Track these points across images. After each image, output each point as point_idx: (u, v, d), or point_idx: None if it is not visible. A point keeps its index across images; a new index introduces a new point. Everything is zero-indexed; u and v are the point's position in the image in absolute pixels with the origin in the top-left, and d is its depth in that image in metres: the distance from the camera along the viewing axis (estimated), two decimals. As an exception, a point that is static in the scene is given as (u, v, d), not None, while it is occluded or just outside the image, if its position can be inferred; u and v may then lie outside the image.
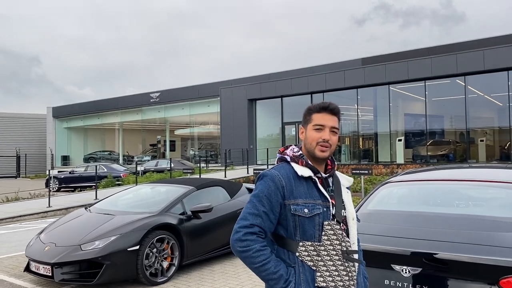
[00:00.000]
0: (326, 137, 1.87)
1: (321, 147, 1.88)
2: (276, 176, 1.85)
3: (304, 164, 1.90)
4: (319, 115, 1.92)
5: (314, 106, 1.96)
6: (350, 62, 24.57)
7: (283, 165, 1.93)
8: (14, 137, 37.18)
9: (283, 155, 1.97)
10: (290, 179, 1.85)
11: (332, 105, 1.94)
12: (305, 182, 1.87)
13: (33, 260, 5.55)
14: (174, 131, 34.62)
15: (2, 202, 14.83)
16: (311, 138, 1.90)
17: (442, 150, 19.58)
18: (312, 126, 1.91)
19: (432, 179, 4.17)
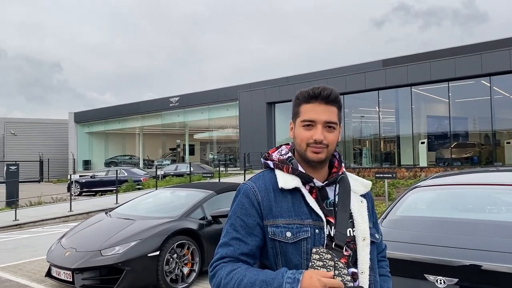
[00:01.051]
0: (317, 137, 1.39)
1: (314, 149, 1.41)
2: (250, 190, 1.43)
3: (290, 170, 1.44)
4: (309, 107, 1.43)
5: (301, 93, 1.46)
6: (371, 63, 24.25)
7: (264, 174, 1.49)
8: (37, 142, 37.87)
9: (267, 160, 1.53)
10: (268, 192, 1.41)
11: (325, 90, 1.42)
12: (290, 196, 1.41)
13: (54, 265, 5.53)
14: (193, 135, 34.75)
15: (25, 206, 15.04)
16: (299, 138, 1.44)
17: (467, 152, 19.11)
18: (301, 122, 1.44)
19: (462, 183, 3.99)
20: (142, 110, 32.41)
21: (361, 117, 23.59)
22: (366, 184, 1.58)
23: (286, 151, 1.53)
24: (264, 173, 1.50)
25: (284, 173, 1.45)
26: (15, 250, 8.50)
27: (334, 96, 1.43)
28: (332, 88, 1.45)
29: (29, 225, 11.42)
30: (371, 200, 1.60)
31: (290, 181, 1.42)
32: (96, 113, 35.97)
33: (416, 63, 19.92)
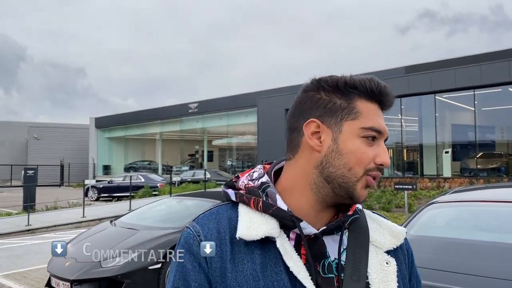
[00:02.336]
0: (387, 160, 0.87)
1: (371, 180, 0.87)
2: (193, 240, 0.86)
3: (260, 207, 0.87)
4: (372, 108, 0.89)
5: (359, 81, 0.88)
6: (393, 70, 23.71)
7: (220, 210, 0.91)
8: (59, 147, 38.44)
9: (229, 188, 0.95)
10: (223, 244, 0.85)
11: (388, 89, 0.90)
12: (260, 252, 0.85)
13: (53, 275, 5.38)
14: (211, 142, 34.68)
15: (41, 210, 15.10)
16: (354, 156, 0.85)
17: (493, 163, 18.40)
18: (361, 130, 0.86)
19: (486, 200, 3.60)
20: (161, 116, 32.51)
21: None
22: (397, 232, 0.97)
23: (260, 173, 0.95)
24: (220, 210, 0.91)
25: (251, 210, 0.88)
26: (24, 257, 8.42)
27: (393, 102, 0.93)
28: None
29: (41, 230, 11.38)
30: (409, 255, 1.01)
31: (258, 225, 0.84)
32: (116, 119, 36.29)
33: (440, 70, 19.34)
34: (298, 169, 0.90)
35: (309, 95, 0.90)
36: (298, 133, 0.90)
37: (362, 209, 0.97)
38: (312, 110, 0.89)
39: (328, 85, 0.88)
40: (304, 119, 0.89)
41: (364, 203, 4.17)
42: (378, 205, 13.65)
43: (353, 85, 0.87)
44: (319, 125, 0.87)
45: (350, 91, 0.87)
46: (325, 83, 0.89)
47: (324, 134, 0.87)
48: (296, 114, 0.91)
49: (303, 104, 0.90)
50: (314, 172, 0.87)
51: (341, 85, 0.88)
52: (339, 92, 0.88)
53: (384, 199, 13.93)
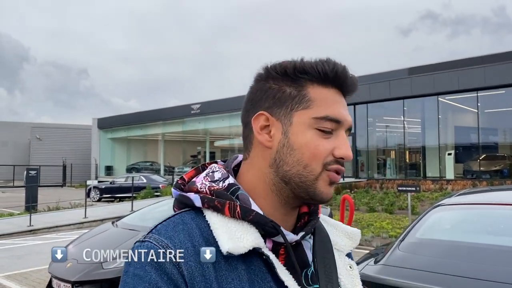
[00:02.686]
0: (348, 153, 0.76)
1: (334, 176, 0.77)
2: (163, 256, 0.69)
3: (238, 213, 0.74)
4: (328, 93, 0.78)
5: (310, 64, 0.77)
6: (396, 72, 23.63)
7: (185, 219, 0.74)
8: (62, 147, 38.47)
9: (186, 192, 0.79)
10: (203, 261, 0.70)
11: (349, 73, 0.80)
12: (244, 266, 0.72)
13: (55, 277, 5.35)
14: (214, 143, 34.63)
15: (43, 211, 15.08)
16: (308, 151, 0.75)
17: (496, 165, 18.32)
18: (313, 121, 0.76)
19: (492, 202, 3.55)
20: (164, 116, 32.50)
21: (386, 126, 23.00)
22: (353, 234, 0.92)
23: (223, 173, 0.81)
24: (185, 218, 0.74)
25: (225, 218, 0.74)
26: (25, 257, 8.40)
27: (357, 85, 0.82)
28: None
29: (43, 231, 11.35)
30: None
31: (241, 235, 0.72)
32: (119, 119, 36.29)
33: (443, 71, 19.26)
34: (255, 170, 0.79)
35: (259, 85, 0.80)
36: (249, 129, 0.80)
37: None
38: (261, 102, 0.78)
39: (277, 72, 0.78)
40: (254, 112, 0.79)
41: (367, 205, 4.11)
42: (380, 206, 13.58)
43: (302, 70, 0.77)
44: (268, 117, 0.77)
45: (300, 76, 0.77)
46: (273, 70, 0.79)
47: (274, 128, 0.77)
48: (248, 107, 0.81)
49: (253, 95, 0.80)
50: (271, 172, 0.77)
51: (290, 71, 0.77)
52: (289, 79, 0.77)
53: (387, 201, 13.86)
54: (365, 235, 9.29)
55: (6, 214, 15.02)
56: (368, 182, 19.64)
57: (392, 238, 8.96)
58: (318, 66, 0.76)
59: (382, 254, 3.08)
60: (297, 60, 0.78)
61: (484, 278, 2.45)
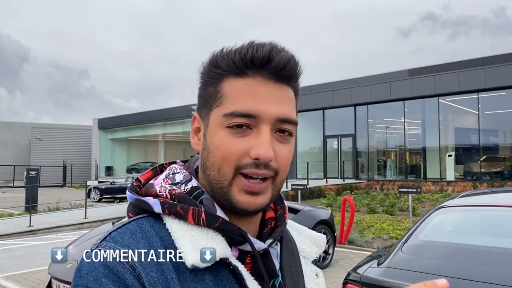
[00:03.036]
0: (263, 152, 0.65)
1: (248, 183, 0.67)
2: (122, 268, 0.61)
3: (203, 221, 0.67)
4: (242, 84, 0.68)
5: (224, 55, 0.69)
6: (397, 73, 23.62)
7: (143, 226, 0.66)
8: (62, 148, 38.44)
9: (142, 195, 0.72)
10: (167, 271, 0.63)
11: (276, 52, 0.67)
12: (211, 277, 0.66)
13: (54, 278, 5.31)
14: (214, 144, 34.63)
15: (43, 211, 15.06)
16: (219, 154, 0.67)
17: (497, 167, 18.29)
18: (224, 118, 0.67)
19: (496, 204, 3.53)
20: (164, 117, 32.52)
21: (386, 128, 22.97)
22: (318, 240, 0.86)
23: (185, 175, 0.74)
24: (143, 225, 0.66)
25: (188, 225, 0.67)
26: (25, 258, 8.38)
27: (293, 65, 0.69)
28: (285, 49, 0.69)
29: (43, 231, 11.33)
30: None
31: (207, 245, 0.66)
32: (119, 120, 36.31)
33: (444, 72, 19.25)
34: (199, 174, 0.74)
35: (201, 76, 0.74)
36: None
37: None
38: (198, 102, 0.73)
39: (203, 68, 0.72)
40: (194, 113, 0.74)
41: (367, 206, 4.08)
42: (381, 208, 13.56)
43: (215, 63, 0.69)
44: (198, 119, 0.73)
45: (215, 71, 0.69)
46: (201, 67, 0.73)
47: (202, 130, 0.72)
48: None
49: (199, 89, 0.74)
50: (204, 177, 0.71)
51: (207, 67, 0.71)
52: (209, 74, 0.70)
53: (387, 202, 13.83)
54: (365, 237, 9.26)
55: (6, 214, 15.00)
56: (369, 183, 19.62)
57: (393, 240, 8.93)
58: (230, 56, 0.68)
59: (385, 256, 3.06)
60: (216, 52, 0.70)
61: (488, 280, 2.44)
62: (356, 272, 2.88)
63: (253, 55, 0.66)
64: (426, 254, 2.98)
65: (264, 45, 0.67)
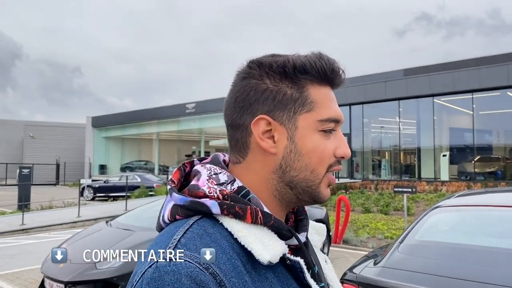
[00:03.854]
0: (348, 151, 0.77)
1: (333, 178, 0.78)
2: (204, 277, 0.59)
3: (260, 219, 0.70)
4: (326, 93, 0.76)
5: (309, 63, 0.74)
6: (392, 73, 23.69)
7: (207, 230, 0.66)
8: (55, 146, 38.24)
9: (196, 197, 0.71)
10: (241, 275, 0.64)
11: (338, 66, 0.77)
12: (273, 274, 0.69)
13: (47, 277, 5.27)
14: (209, 142, 34.54)
15: (36, 210, 14.95)
16: (316, 155, 0.74)
17: (491, 167, 18.40)
18: (319, 123, 0.74)
19: (491, 204, 3.53)
20: (159, 116, 32.40)
21: (381, 127, 23.03)
22: (320, 229, 0.91)
23: (228, 176, 0.75)
24: (206, 227, 0.67)
25: (246, 224, 0.69)
26: (17, 257, 8.30)
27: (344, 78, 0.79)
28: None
29: (36, 230, 11.23)
30: None
31: (269, 243, 0.69)
32: (113, 118, 36.13)
33: (439, 73, 19.32)
34: (254, 176, 0.75)
35: (252, 84, 0.74)
36: (244, 132, 0.75)
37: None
38: (258, 104, 0.73)
39: (274, 71, 0.74)
40: (250, 115, 0.74)
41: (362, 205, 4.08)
42: (376, 207, 13.58)
43: (303, 69, 0.73)
44: (270, 122, 0.73)
45: (301, 77, 0.73)
46: (269, 68, 0.74)
47: (277, 133, 0.73)
48: (239, 108, 0.75)
49: (245, 95, 0.74)
50: (274, 178, 0.75)
51: (289, 71, 0.73)
52: (288, 79, 0.73)
53: (382, 202, 13.86)
54: (360, 236, 9.26)
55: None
56: (363, 183, 19.65)
57: (387, 239, 8.93)
58: (317, 65, 0.73)
59: (381, 256, 3.05)
60: (293, 57, 0.74)
61: (483, 280, 2.43)
62: (352, 272, 2.87)
63: (332, 67, 0.75)
64: (422, 253, 2.96)
65: (331, 58, 0.76)
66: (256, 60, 0.76)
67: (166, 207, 0.73)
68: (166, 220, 0.72)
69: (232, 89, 0.78)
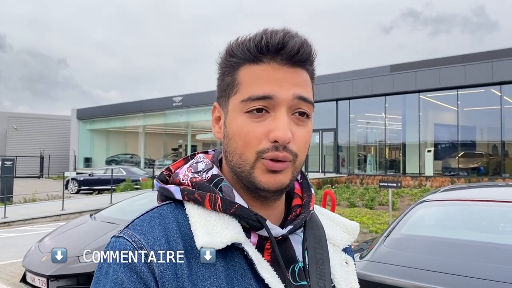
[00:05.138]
0: (281, 134, 0.67)
1: (270, 163, 0.68)
2: (134, 252, 0.65)
3: (219, 206, 0.70)
4: (258, 70, 0.69)
5: (239, 44, 0.71)
6: (378, 69, 23.81)
7: (163, 212, 0.70)
8: (39, 138, 37.67)
9: (167, 183, 0.77)
10: (175, 257, 0.66)
11: (290, 38, 0.68)
12: (223, 262, 0.68)
13: (29, 270, 5.20)
14: (196, 136, 34.40)
15: (19, 203, 14.74)
16: (240, 139, 0.70)
17: (474, 162, 18.65)
18: (241, 104, 0.69)
19: (476, 199, 3.56)
20: (145, 108, 32.10)
21: (367, 122, 23.17)
22: (351, 228, 0.87)
23: (207, 164, 0.76)
24: (163, 212, 0.70)
25: (206, 211, 0.70)
26: (-1, 250, 8.16)
27: (306, 49, 0.70)
28: (298, 33, 0.70)
29: (18, 223, 11.07)
30: (352, 253, 0.88)
31: (220, 230, 0.68)
32: (98, 111, 35.72)
33: (425, 69, 19.47)
34: (223, 162, 0.77)
35: (219, 67, 0.77)
36: None
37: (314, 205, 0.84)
38: (217, 91, 0.77)
39: (220, 58, 0.75)
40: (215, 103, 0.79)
41: (347, 200, 4.07)
42: (361, 202, 13.67)
43: (231, 52, 0.72)
44: (218, 109, 0.77)
45: (232, 60, 0.72)
46: (219, 57, 0.75)
47: (222, 119, 0.75)
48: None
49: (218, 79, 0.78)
50: (226, 163, 0.75)
51: (224, 57, 0.74)
52: (226, 64, 0.73)
53: (367, 196, 13.96)
54: (346, 230, 9.30)
55: (-20, 205, 14.62)
56: (349, 177, 19.77)
57: (372, 233, 8.99)
58: (245, 45, 0.70)
59: (367, 250, 3.05)
60: (232, 41, 0.73)
61: (469, 274, 2.44)
62: (338, 266, 2.86)
63: (267, 41, 0.68)
64: (408, 247, 2.97)
65: (277, 31, 0.69)
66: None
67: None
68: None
69: None
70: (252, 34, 0.71)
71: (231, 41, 0.73)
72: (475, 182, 14.14)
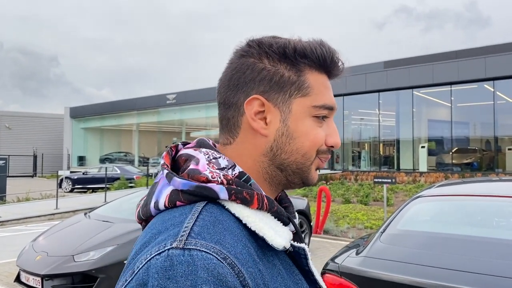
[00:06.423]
0: (338, 141, 0.76)
1: (323, 163, 0.78)
2: (223, 270, 0.55)
3: (265, 205, 0.67)
4: (323, 80, 0.76)
5: (310, 48, 0.73)
6: (372, 65, 23.84)
7: (220, 218, 0.63)
8: (32, 137, 37.44)
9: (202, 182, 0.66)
10: (256, 264, 0.61)
11: (339, 56, 0.77)
12: (279, 261, 0.68)
13: (23, 270, 5.16)
14: (190, 134, 34.33)
15: (12, 202, 14.65)
16: (308, 139, 0.73)
17: (468, 158, 18.78)
18: (313, 109, 0.73)
19: (473, 194, 3.56)
20: (138, 106, 31.96)
21: (361, 119, 23.23)
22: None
23: (228, 160, 0.72)
24: (217, 214, 0.63)
25: (253, 211, 0.67)
26: (-8, 250, 8.10)
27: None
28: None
29: (11, 222, 10.99)
30: None
31: (281, 230, 0.68)
32: (92, 109, 35.53)
33: (418, 65, 19.53)
34: (245, 157, 0.73)
35: (249, 63, 0.73)
36: (236, 111, 0.73)
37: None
38: (254, 83, 0.72)
39: (274, 51, 0.72)
40: (244, 94, 0.72)
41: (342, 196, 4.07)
42: (356, 198, 13.71)
43: (303, 53, 0.72)
44: (263, 103, 0.72)
45: (300, 60, 0.72)
46: (269, 48, 0.72)
47: (270, 115, 0.72)
48: (233, 86, 0.73)
49: (241, 73, 0.73)
50: (264, 161, 0.73)
51: (289, 53, 0.72)
52: (287, 61, 0.72)
53: (362, 193, 14.00)
54: (340, 226, 9.33)
55: (-27, 205, 14.51)
56: (343, 174, 19.83)
57: (367, 229, 9.03)
58: (317, 51, 0.73)
59: (363, 246, 3.05)
60: (294, 40, 0.73)
61: (465, 269, 2.44)
62: (334, 262, 2.85)
63: (334, 55, 0.75)
64: (404, 243, 2.97)
65: (331, 47, 0.76)
66: (256, 39, 0.74)
67: (161, 192, 0.68)
68: (161, 206, 0.67)
69: (228, 66, 0.76)
70: (316, 41, 0.74)
71: (294, 39, 0.74)
72: (468, 177, 14.22)
